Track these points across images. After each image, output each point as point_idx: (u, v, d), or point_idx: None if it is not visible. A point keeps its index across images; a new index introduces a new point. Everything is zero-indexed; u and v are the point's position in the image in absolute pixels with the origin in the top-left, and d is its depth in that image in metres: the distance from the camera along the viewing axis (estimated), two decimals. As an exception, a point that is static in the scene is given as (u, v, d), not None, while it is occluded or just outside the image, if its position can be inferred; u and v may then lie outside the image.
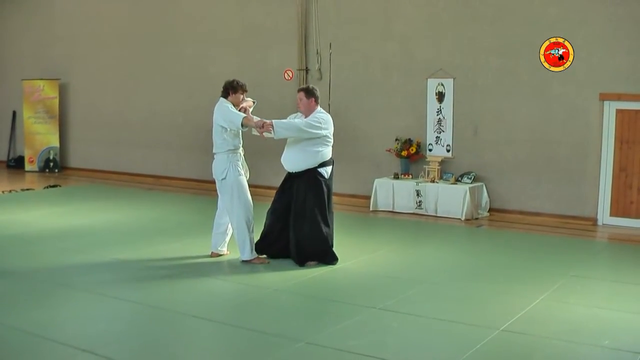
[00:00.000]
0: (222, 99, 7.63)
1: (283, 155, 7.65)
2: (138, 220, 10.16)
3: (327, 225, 7.56)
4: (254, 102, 7.79)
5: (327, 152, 7.59)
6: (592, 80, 10.17)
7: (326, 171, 7.59)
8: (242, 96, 7.64)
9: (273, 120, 7.42)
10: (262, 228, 7.83)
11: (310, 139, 7.43)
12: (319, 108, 7.64)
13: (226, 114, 7.47)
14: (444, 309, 6.20)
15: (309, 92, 7.62)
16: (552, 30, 10.36)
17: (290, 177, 7.65)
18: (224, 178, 7.57)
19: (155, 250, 8.23)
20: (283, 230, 7.66)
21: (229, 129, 7.48)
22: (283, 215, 7.63)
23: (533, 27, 10.54)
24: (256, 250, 7.70)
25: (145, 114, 14.61)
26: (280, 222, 7.66)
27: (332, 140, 7.64)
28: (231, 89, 7.61)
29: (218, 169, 7.62)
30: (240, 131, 7.59)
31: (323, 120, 7.51)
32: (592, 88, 10.18)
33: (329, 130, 7.54)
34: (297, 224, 7.50)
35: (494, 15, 10.87)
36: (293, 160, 7.55)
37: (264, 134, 7.56)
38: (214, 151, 7.66)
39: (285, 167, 7.67)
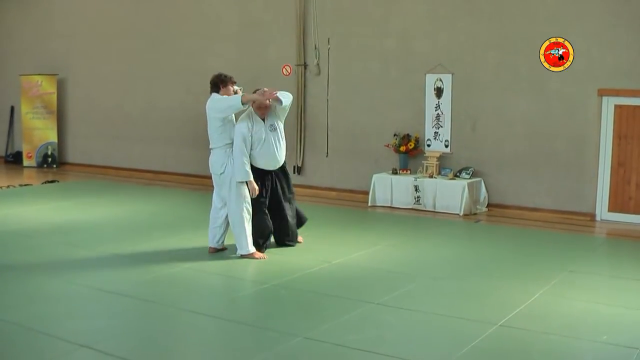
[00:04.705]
0: (214, 94, 7.64)
1: (271, 156, 7.72)
2: (136, 215, 10.16)
3: None
4: (240, 89, 7.84)
5: None
6: (591, 76, 10.16)
7: None
8: (232, 88, 7.70)
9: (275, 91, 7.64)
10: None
11: (281, 132, 7.77)
12: None
13: (223, 102, 7.53)
14: (442, 304, 6.21)
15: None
16: (550, 26, 10.35)
17: (270, 175, 7.84)
18: (223, 172, 7.58)
19: (154, 245, 8.22)
20: (274, 223, 7.94)
21: (225, 120, 7.49)
22: (276, 212, 7.92)
23: (532, 22, 10.52)
24: (257, 248, 7.70)
25: (143, 109, 14.57)
26: (273, 218, 7.92)
27: None
28: (221, 83, 7.66)
29: (216, 163, 7.63)
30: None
31: None
32: (590, 83, 10.16)
33: None
34: (291, 207, 8.04)
35: (493, 11, 10.85)
36: (282, 155, 7.88)
37: (269, 101, 7.60)
38: (210, 147, 7.68)
39: (276, 166, 7.83)
